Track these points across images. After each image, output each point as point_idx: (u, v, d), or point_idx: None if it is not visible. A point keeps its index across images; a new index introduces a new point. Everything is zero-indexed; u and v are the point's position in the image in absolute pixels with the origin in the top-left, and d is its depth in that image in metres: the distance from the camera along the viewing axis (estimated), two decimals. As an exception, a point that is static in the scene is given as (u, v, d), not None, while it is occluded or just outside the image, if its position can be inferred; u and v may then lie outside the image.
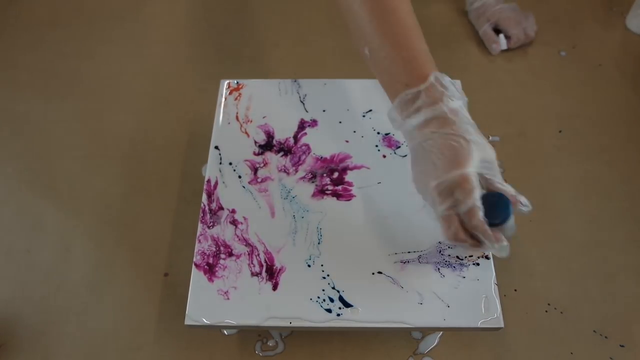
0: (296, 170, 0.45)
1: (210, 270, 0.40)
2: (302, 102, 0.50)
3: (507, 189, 0.36)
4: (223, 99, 0.50)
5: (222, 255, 0.41)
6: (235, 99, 0.50)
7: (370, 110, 0.49)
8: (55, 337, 0.48)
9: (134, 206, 0.56)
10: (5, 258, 0.53)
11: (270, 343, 0.47)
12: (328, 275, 0.40)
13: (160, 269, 0.51)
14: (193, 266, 0.40)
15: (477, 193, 0.34)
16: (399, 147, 0.46)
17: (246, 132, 0.48)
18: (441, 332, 0.48)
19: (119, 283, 0.51)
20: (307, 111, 0.49)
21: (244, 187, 0.44)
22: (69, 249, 0.53)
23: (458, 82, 0.50)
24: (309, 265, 0.40)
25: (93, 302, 0.50)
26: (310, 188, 0.44)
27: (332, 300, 0.39)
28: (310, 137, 0.47)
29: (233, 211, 0.43)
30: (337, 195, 0.44)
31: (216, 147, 0.47)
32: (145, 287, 0.51)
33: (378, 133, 0.47)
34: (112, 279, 0.51)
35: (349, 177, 0.45)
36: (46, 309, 0.50)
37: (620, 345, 0.47)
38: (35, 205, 0.56)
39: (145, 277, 0.51)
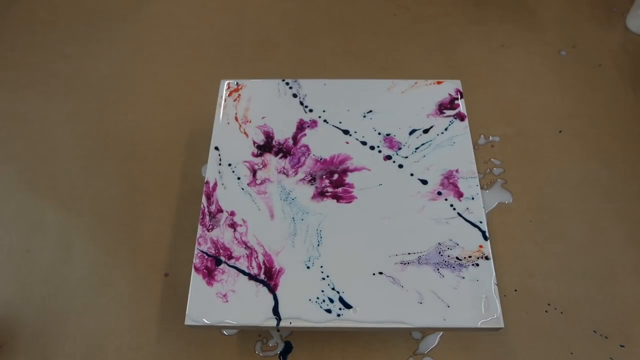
0: (295, 172, 0.45)
1: (209, 274, 0.40)
2: (301, 102, 0.50)
3: None
4: (223, 100, 0.50)
5: (222, 258, 0.41)
6: (235, 99, 0.50)
7: (371, 111, 0.49)
8: (55, 337, 0.48)
9: (134, 206, 0.56)
10: (5, 258, 0.53)
11: (271, 343, 0.48)
12: (328, 277, 0.40)
13: (160, 269, 0.52)
14: (192, 269, 0.40)
15: None
16: (400, 148, 0.46)
17: (245, 133, 0.48)
18: (441, 332, 0.48)
19: (119, 283, 0.51)
20: (306, 112, 0.49)
21: (243, 189, 0.44)
22: (69, 249, 0.53)
23: (458, 82, 0.50)
24: (308, 267, 0.40)
25: (93, 302, 0.50)
26: (310, 190, 0.44)
27: (332, 301, 0.39)
28: (309, 138, 0.47)
29: (232, 213, 0.43)
30: (337, 197, 0.44)
31: (216, 148, 0.47)
32: (145, 287, 0.51)
33: (379, 134, 0.47)
34: (112, 279, 0.51)
35: (350, 179, 0.45)
36: (46, 309, 0.50)
37: (620, 345, 0.47)
38: (35, 205, 0.56)
39: (145, 277, 0.51)
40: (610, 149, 0.59)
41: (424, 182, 0.44)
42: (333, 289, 0.39)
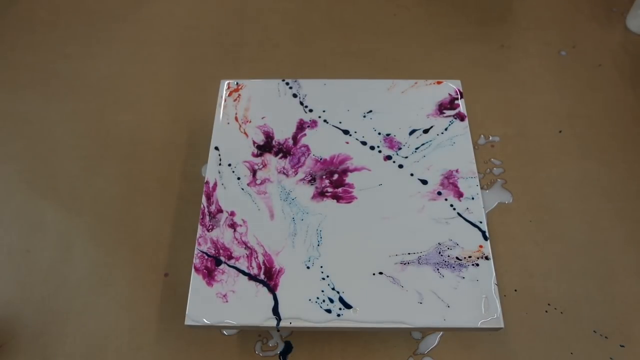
0: (295, 172, 0.45)
1: (209, 274, 0.40)
2: (301, 102, 0.50)
3: None
4: (223, 100, 0.50)
5: (222, 259, 0.41)
6: (235, 99, 0.50)
7: (371, 111, 0.49)
8: (55, 337, 0.48)
9: (134, 206, 0.56)
10: (5, 258, 0.53)
11: (271, 343, 0.48)
12: (328, 277, 0.40)
13: (160, 269, 0.52)
14: (192, 269, 0.40)
15: None
16: (400, 148, 0.46)
17: (245, 133, 0.48)
18: (441, 332, 0.48)
19: (119, 283, 0.51)
20: (306, 112, 0.49)
21: (242, 189, 0.44)
22: (69, 249, 0.53)
23: (458, 82, 0.50)
24: (308, 267, 0.40)
25: (93, 302, 0.50)
26: (310, 190, 0.44)
27: (332, 301, 0.39)
28: (309, 138, 0.47)
29: (232, 214, 0.43)
30: (337, 197, 0.44)
31: (216, 148, 0.47)
32: (145, 287, 0.51)
33: (379, 134, 0.47)
34: (112, 279, 0.51)
35: (350, 179, 0.45)
36: (46, 309, 0.50)
37: (621, 345, 0.47)
38: (35, 205, 0.56)
39: (145, 277, 0.51)
40: (610, 149, 0.59)
41: (424, 182, 0.44)
42: (333, 289, 0.39)
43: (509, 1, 0.74)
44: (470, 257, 0.40)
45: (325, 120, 0.48)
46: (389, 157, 0.46)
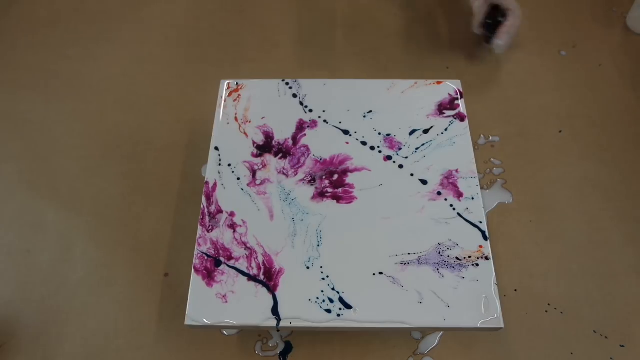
0: (295, 173, 0.45)
1: (209, 275, 0.40)
2: (301, 102, 0.49)
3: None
4: (223, 100, 0.50)
5: (221, 259, 0.41)
6: (235, 100, 0.50)
7: (371, 111, 0.49)
8: (55, 337, 0.48)
9: (134, 206, 0.56)
10: (5, 258, 0.53)
11: (271, 343, 0.48)
12: (327, 277, 0.40)
13: (160, 269, 0.52)
14: (192, 270, 0.40)
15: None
16: (401, 148, 0.46)
17: (245, 133, 0.48)
18: (441, 332, 0.48)
19: (119, 283, 0.51)
20: (306, 112, 0.49)
21: (242, 189, 0.44)
22: (69, 249, 0.53)
23: (458, 82, 0.50)
24: (307, 267, 0.40)
25: (93, 302, 0.50)
26: (310, 190, 0.44)
27: (332, 301, 0.39)
28: (309, 138, 0.47)
29: (232, 214, 0.43)
30: (337, 198, 0.44)
31: (216, 148, 0.47)
32: (145, 287, 0.51)
33: (379, 134, 0.47)
34: (112, 279, 0.51)
35: (350, 179, 0.45)
36: (46, 309, 0.50)
37: (621, 345, 0.47)
38: (35, 205, 0.56)
39: (145, 277, 0.51)
40: (610, 149, 0.59)
41: (424, 182, 0.44)
42: (333, 289, 0.39)
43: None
44: (470, 257, 0.40)
45: (325, 121, 0.48)
46: (389, 158, 0.46)
